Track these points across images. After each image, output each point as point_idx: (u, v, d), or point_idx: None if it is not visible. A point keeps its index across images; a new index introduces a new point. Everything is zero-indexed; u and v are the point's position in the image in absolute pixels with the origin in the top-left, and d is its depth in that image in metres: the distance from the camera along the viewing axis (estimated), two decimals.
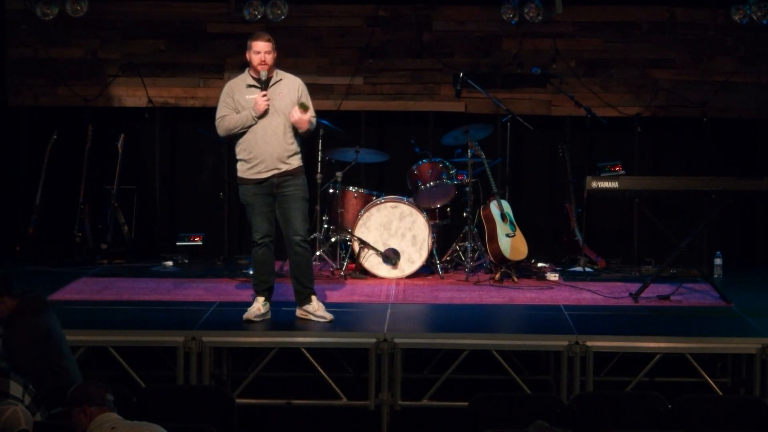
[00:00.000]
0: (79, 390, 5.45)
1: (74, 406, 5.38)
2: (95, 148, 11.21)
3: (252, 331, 8.23)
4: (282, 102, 8.34)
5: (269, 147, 8.31)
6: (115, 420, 5.32)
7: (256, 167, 8.35)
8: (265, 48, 8.28)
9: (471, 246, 10.32)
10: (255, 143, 8.32)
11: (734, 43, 11.42)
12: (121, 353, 8.07)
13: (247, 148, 8.35)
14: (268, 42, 8.30)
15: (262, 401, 8.23)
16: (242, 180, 8.44)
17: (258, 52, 8.28)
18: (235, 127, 8.32)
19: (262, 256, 8.46)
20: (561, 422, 6.07)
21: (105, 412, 5.35)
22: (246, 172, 8.40)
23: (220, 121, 8.38)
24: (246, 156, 8.37)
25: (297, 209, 8.41)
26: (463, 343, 8.10)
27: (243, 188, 8.45)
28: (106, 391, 5.44)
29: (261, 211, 8.40)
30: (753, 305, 9.17)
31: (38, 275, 10.30)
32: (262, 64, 8.28)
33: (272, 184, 8.36)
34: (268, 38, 8.33)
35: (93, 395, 5.39)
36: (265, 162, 8.33)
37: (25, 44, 11.46)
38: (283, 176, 8.37)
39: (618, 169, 10.85)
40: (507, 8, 11.24)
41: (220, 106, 8.40)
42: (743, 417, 6.32)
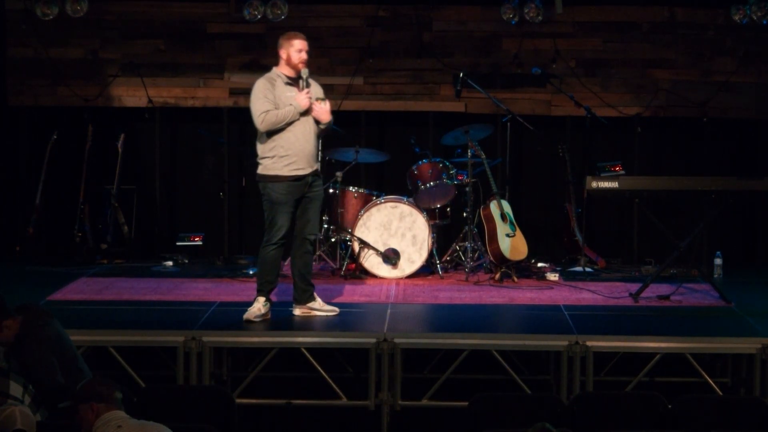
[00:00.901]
0: (87, 386, 5.42)
1: (82, 402, 5.34)
2: (95, 148, 11.21)
3: (252, 331, 8.23)
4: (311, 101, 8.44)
5: (308, 145, 8.36)
6: (122, 418, 5.29)
7: (294, 164, 8.34)
8: (306, 47, 8.42)
9: (471, 246, 10.32)
10: (295, 141, 8.32)
11: (734, 43, 11.42)
12: (121, 353, 8.07)
13: (284, 145, 8.32)
14: (305, 41, 8.43)
15: (262, 401, 8.23)
16: (277, 177, 8.35)
17: (300, 50, 8.38)
18: (281, 122, 8.29)
19: (275, 256, 8.46)
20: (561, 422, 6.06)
21: (112, 410, 5.31)
22: (282, 169, 8.34)
23: (264, 116, 8.28)
24: (282, 153, 8.33)
25: (318, 210, 8.54)
26: (463, 343, 8.10)
27: (276, 185, 8.35)
28: (115, 389, 5.41)
29: (289, 210, 8.38)
30: (753, 305, 9.17)
31: (38, 275, 10.31)
32: (303, 62, 8.36)
33: (306, 183, 8.40)
34: (305, 38, 8.46)
35: (101, 392, 5.35)
36: (304, 160, 8.36)
37: (25, 44, 11.46)
38: (314, 176, 8.45)
39: (618, 169, 10.86)
40: (507, 8, 11.25)
41: (261, 101, 8.33)
42: (743, 417, 6.32)
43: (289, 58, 8.40)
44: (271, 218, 8.41)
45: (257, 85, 8.44)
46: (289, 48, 8.41)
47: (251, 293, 9.50)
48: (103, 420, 5.26)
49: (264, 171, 8.41)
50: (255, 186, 11.41)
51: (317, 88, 8.57)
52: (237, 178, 11.63)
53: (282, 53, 8.45)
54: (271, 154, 8.36)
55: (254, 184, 11.37)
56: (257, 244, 11.39)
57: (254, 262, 10.91)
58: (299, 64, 8.39)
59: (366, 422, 8.09)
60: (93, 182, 11.23)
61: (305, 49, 8.41)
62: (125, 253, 11.07)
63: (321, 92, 8.57)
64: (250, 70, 11.49)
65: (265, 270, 8.50)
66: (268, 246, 8.43)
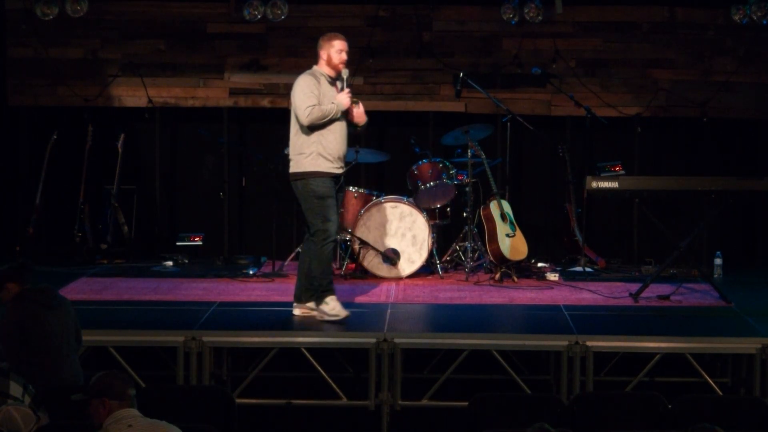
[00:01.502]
0: (101, 381, 5.32)
1: (94, 396, 5.26)
2: (95, 148, 11.21)
3: (252, 331, 8.22)
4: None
5: (344, 145, 8.44)
6: (134, 417, 5.22)
7: (333, 163, 8.38)
8: (347, 48, 8.44)
9: (471, 246, 10.32)
10: (335, 140, 8.37)
11: (734, 43, 11.42)
12: (121, 353, 8.07)
13: (324, 143, 8.34)
14: (346, 41, 8.45)
15: (262, 401, 8.22)
16: (318, 173, 8.34)
17: (340, 51, 8.39)
18: (324, 118, 8.30)
19: (332, 253, 8.54)
20: (561, 422, 6.06)
21: (125, 408, 5.23)
22: (321, 166, 8.34)
23: (311, 110, 8.26)
24: (323, 151, 8.34)
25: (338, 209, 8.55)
26: (463, 343, 8.10)
27: (321, 181, 8.34)
28: (129, 386, 5.32)
29: (335, 204, 8.42)
30: (753, 305, 9.17)
31: (38, 275, 10.23)
32: (344, 63, 8.40)
33: (338, 182, 8.49)
34: (345, 37, 8.48)
35: (115, 388, 5.26)
36: (340, 159, 8.43)
37: (25, 44, 11.46)
38: (343, 175, 8.53)
39: (618, 169, 10.86)
40: (507, 8, 11.25)
41: (308, 95, 8.30)
42: (743, 417, 6.31)
43: (329, 59, 8.41)
44: (322, 214, 8.34)
45: (302, 79, 8.41)
46: (329, 49, 8.41)
47: (251, 293, 9.53)
48: (114, 417, 5.19)
49: (301, 168, 8.36)
50: (255, 186, 11.54)
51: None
52: (237, 178, 11.63)
53: (322, 54, 8.44)
54: (310, 151, 8.33)
55: (254, 184, 11.52)
56: (257, 244, 11.52)
57: (254, 261, 10.95)
58: (340, 64, 8.40)
59: (366, 422, 8.09)
60: (93, 182, 11.23)
61: (345, 50, 8.42)
62: (125, 253, 11.07)
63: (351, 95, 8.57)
64: (250, 70, 11.51)
65: (329, 268, 8.49)
66: (326, 243, 8.36)
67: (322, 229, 8.32)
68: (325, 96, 8.34)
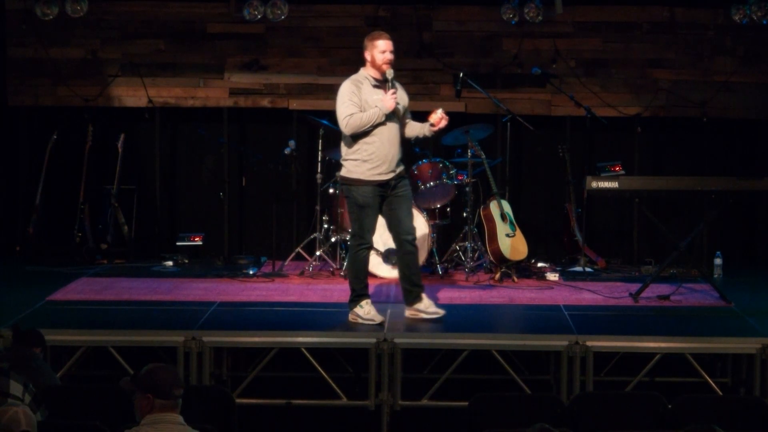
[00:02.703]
0: (150, 375, 5.02)
1: (140, 390, 5.03)
2: (95, 148, 11.21)
3: (252, 331, 8.22)
4: (401, 105, 8.31)
5: (392, 149, 8.25)
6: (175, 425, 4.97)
7: (378, 168, 8.22)
8: (391, 47, 8.23)
9: (471, 246, 10.32)
10: (381, 145, 8.21)
11: (734, 43, 11.42)
12: (121, 353, 8.07)
13: (368, 149, 8.21)
14: (391, 41, 8.27)
15: (262, 401, 8.22)
16: (361, 181, 8.24)
17: (383, 51, 8.20)
18: (365, 125, 8.16)
19: (366, 258, 8.41)
20: (561, 422, 6.06)
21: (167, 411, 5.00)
22: (365, 173, 8.22)
23: (349, 119, 8.15)
24: (367, 157, 8.21)
25: (409, 210, 8.38)
26: (463, 343, 8.10)
27: (360, 188, 8.24)
28: (177, 384, 5.05)
29: (374, 213, 8.30)
30: (753, 305, 9.17)
31: (38, 275, 10.31)
32: (388, 63, 8.21)
33: (389, 186, 8.29)
34: (389, 37, 8.30)
35: (162, 386, 5.00)
36: (387, 164, 8.24)
37: (25, 44, 11.47)
38: (397, 178, 8.32)
39: (618, 169, 10.85)
40: (507, 8, 11.25)
41: (346, 104, 8.19)
42: (743, 417, 6.31)
43: (373, 60, 8.22)
44: (359, 221, 8.31)
45: (343, 87, 8.27)
46: (372, 50, 8.22)
47: (251, 293, 9.53)
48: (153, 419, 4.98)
49: (347, 174, 8.30)
50: (255, 186, 11.55)
51: (402, 92, 8.40)
52: (237, 178, 11.63)
53: (366, 55, 8.26)
54: (354, 157, 8.25)
55: (254, 184, 11.53)
56: (257, 244, 11.53)
57: (254, 261, 10.95)
58: (383, 65, 8.19)
59: (366, 422, 8.09)
60: (93, 182, 11.23)
61: (389, 50, 8.21)
62: (125, 253, 11.08)
63: (406, 98, 8.43)
64: (250, 70, 11.51)
65: (361, 273, 8.42)
66: (361, 249, 8.33)
67: (357, 234, 8.33)
68: (367, 101, 8.18)
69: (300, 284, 9.98)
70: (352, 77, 8.31)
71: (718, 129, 11.52)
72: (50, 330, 8.12)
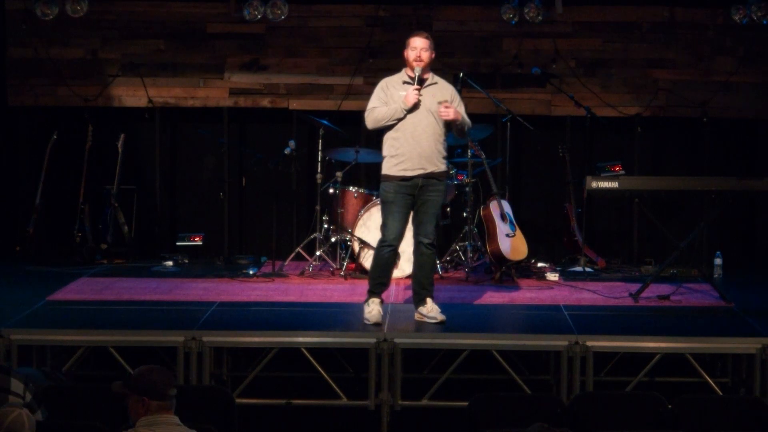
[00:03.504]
0: (142, 377, 5.03)
1: (134, 392, 5.02)
2: (95, 148, 11.21)
3: (252, 331, 8.21)
4: (434, 103, 8.24)
5: (418, 146, 8.19)
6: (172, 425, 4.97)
7: (401, 164, 8.20)
8: (422, 45, 8.23)
9: (471, 246, 10.32)
10: (404, 140, 8.20)
11: (734, 43, 11.42)
12: (121, 353, 8.06)
13: (394, 144, 8.22)
14: (425, 39, 8.26)
15: (262, 401, 8.22)
16: (386, 177, 8.26)
17: (414, 48, 8.22)
18: (383, 119, 8.19)
19: (388, 257, 8.32)
20: (561, 422, 6.06)
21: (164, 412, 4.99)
22: (391, 169, 8.23)
23: (369, 113, 8.24)
24: (393, 152, 8.22)
25: (433, 215, 8.30)
26: (463, 343, 8.10)
27: (386, 185, 8.26)
28: (171, 385, 5.03)
29: (398, 210, 8.24)
30: (753, 305, 9.17)
31: (38, 275, 10.31)
32: (417, 60, 8.20)
33: (416, 185, 8.22)
34: (425, 36, 8.30)
35: (157, 387, 4.99)
36: (412, 161, 8.20)
37: (25, 44, 11.46)
38: (428, 178, 8.22)
39: (618, 169, 10.85)
40: (507, 8, 11.24)
41: (372, 98, 8.30)
42: (743, 417, 6.31)
43: (407, 58, 8.28)
44: (384, 218, 8.32)
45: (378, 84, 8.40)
46: (407, 47, 8.29)
47: (251, 293, 9.53)
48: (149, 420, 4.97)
49: (382, 170, 8.35)
50: (255, 186, 11.55)
51: (445, 89, 8.34)
52: (237, 178, 11.63)
53: (404, 53, 8.32)
54: (384, 153, 8.30)
55: (254, 184, 11.53)
56: (257, 244, 11.53)
57: (254, 261, 10.95)
58: (413, 62, 8.21)
59: (366, 422, 8.08)
60: (93, 182, 11.23)
61: (420, 47, 8.20)
62: (125, 253, 11.07)
63: (449, 94, 8.33)
64: (250, 70, 11.51)
65: (378, 271, 8.39)
66: (382, 247, 8.31)
67: (382, 231, 8.36)
68: (392, 97, 8.23)
69: (300, 284, 9.98)
70: (391, 76, 8.40)
71: (718, 129, 11.52)
72: (50, 330, 8.18)
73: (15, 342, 7.92)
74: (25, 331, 8.09)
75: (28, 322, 8.35)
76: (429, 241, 8.30)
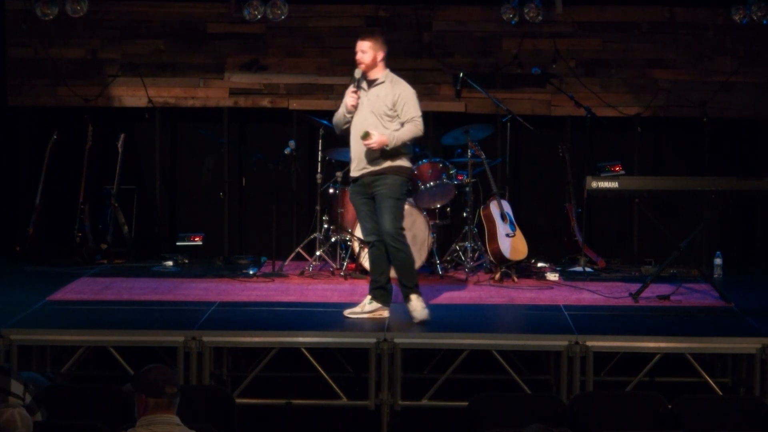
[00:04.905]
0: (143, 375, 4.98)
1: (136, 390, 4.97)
2: (95, 148, 11.21)
3: (252, 331, 8.22)
4: (376, 104, 8.31)
5: (361, 146, 8.31)
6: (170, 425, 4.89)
7: (352, 165, 8.43)
8: (360, 47, 8.34)
9: (471, 246, 10.32)
10: (352, 142, 8.40)
11: (734, 43, 11.42)
12: (121, 353, 8.07)
13: (350, 146, 8.43)
14: (364, 41, 8.34)
15: (262, 401, 8.22)
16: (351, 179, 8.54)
17: (356, 51, 8.35)
18: (337, 123, 8.46)
19: (373, 255, 8.49)
20: (561, 422, 6.07)
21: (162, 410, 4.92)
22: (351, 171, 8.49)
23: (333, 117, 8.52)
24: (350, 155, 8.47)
25: (386, 208, 8.33)
26: (463, 343, 8.10)
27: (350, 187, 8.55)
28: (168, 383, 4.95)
29: (360, 210, 8.45)
30: (753, 305, 9.17)
31: (38, 275, 10.31)
32: (357, 62, 8.34)
33: (364, 184, 8.37)
34: (367, 37, 8.37)
35: (153, 385, 4.93)
36: (357, 160, 8.36)
37: (25, 44, 11.46)
38: (373, 176, 8.33)
39: (618, 169, 10.85)
40: (507, 8, 11.24)
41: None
42: (743, 417, 6.32)
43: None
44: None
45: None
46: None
47: (251, 293, 9.54)
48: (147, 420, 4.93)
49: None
50: (255, 186, 11.55)
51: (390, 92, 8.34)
52: (237, 178, 11.63)
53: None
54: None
55: (254, 184, 11.54)
56: (257, 244, 11.52)
57: (254, 261, 10.96)
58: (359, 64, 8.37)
59: (366, 422, 8.09)
60: (93, 182, 11.23)
61: (358, 49, 8.33)
62: (125, 253, 11.08)
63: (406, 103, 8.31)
64: (250, 70, 11.51)
65: (371, 269, 8.60)
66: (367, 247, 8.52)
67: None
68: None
69: (300, 284, 9.98)
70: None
71: (718, 129, 11.52)
72: (50, 330, 8.18)
73: (15, 342, 7.93)
74: (25, 331, 8.09)
75: (28, 322, 8.35)
76: (390, 237, 8.33)
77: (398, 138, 8.28)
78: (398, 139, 8.29)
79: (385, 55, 8.39)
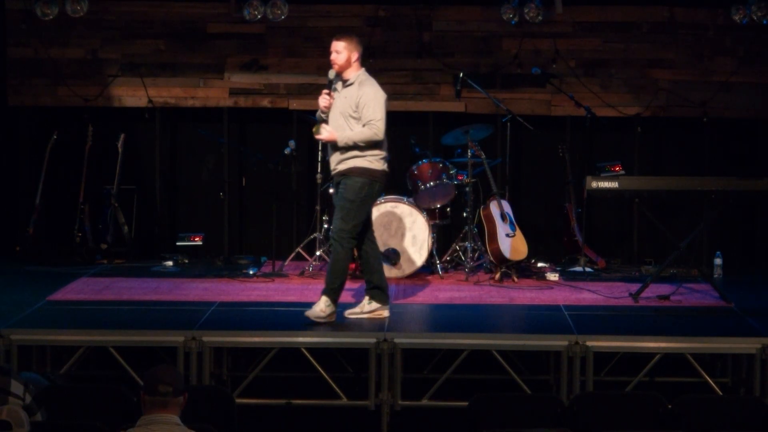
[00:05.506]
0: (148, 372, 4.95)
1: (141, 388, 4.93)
2: (95, 148, 11.21)
3: (252, 331, 8.22)
4: (344, 105, 8.33)
5: (331, 147, 8.40)
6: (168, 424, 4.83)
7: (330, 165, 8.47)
8: (333, 47, 8.35)
9: (471, 246, 10.32)
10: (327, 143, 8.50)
11: (734, 43, 11.42)
12: (121, 353, 8.07)
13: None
14: (338, 41, 8.34)
15: (262, 401, 8.23)
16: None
17: (330, 52, 8.37)
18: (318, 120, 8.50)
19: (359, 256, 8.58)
20: (561, 422, 6.07)
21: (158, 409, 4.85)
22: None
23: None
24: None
25: (337, 207, 8.38)
26: (463, 343, 8.10)
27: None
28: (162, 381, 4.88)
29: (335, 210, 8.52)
30: (753, 305, 9.17)
31: (38, 275, 10.31)
32: (332, 62, 8.36)
33: (336, 184, 8.46)
34: (341, 37, 8.36)
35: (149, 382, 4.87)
36: (331, 162, 8.44)
37: (25, 44, 11.46)
38: (340, 176, 8.38)
39: (618, 169, 10.85)
40: (507, 8, 11.24)
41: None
42: (743, 417, 6.32)
43: None
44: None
45: None
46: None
47: (251, 293, 9.55)
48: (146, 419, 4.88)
49: None
50: (255, 186, 11.56)
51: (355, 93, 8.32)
52: (237, 178, 11.63)
53: None
54: None
55: (254, 184, 11.54)
56: (257, 244, 11.52)
57: (254, 261, 10.96)
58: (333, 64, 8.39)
59: (366, 422, 8.09)
60: (93, 182, 11.23)
61: (333, 50, 8.33)
62: (125, 253, 11.08)
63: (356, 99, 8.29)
64: (250, 70, 11.51)
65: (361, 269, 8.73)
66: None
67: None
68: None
69: (300, 284, 9.98)
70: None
71: (718, 129, 11.52)
72: (50, 330, 8.18)
73: (15, 342, 7.93)
74: (25, 331, 8.09)
75: (28, 322, 8.35)
76: (334, 234, 8.32)
77: (349, 138, 8.25)
78: (349, 139, 8.25)
79: (360, 56, 8.39)
